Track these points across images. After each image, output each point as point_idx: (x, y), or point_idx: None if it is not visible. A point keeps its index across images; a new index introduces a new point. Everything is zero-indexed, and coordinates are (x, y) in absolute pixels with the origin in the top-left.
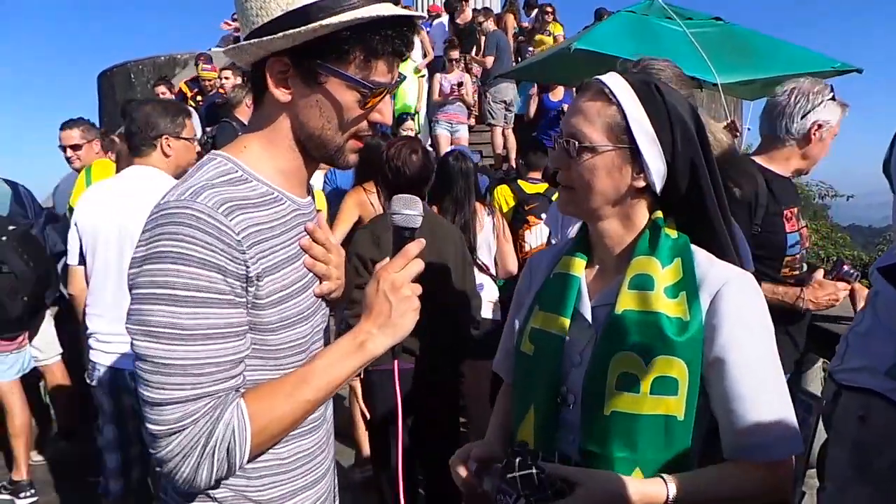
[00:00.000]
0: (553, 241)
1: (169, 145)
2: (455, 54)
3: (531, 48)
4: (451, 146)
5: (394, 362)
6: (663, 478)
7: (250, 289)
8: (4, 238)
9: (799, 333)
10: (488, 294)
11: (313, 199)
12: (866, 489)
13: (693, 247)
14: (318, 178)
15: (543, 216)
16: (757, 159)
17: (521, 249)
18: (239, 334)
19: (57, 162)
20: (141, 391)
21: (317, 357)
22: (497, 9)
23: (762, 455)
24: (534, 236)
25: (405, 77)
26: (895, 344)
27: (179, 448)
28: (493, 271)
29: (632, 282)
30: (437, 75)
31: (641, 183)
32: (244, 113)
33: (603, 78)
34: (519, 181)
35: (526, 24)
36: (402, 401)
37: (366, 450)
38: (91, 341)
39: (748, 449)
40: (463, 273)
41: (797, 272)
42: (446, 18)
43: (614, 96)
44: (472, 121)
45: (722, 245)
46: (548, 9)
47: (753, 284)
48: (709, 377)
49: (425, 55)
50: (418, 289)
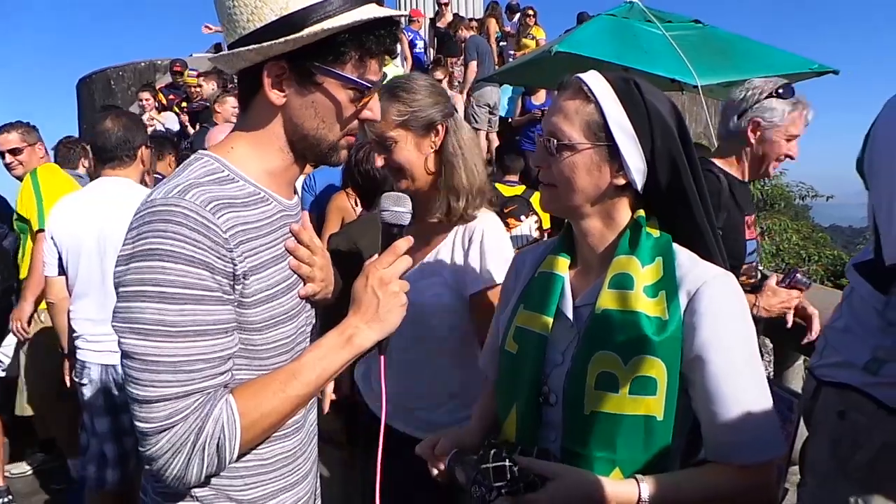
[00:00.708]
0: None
1: (143, 155)
2: (439, 74)
3: (514, 52)
4: None
5: (380, 358)
6: (636, 478)
7: (237, 287)
8: None
9: None
10: None
11: (300, 201)
12: (846, 484)
13: (676, 246)
14: (298, 184)
15: (522, 218)
16: (717, 162)
17: None
18: (227, 331)
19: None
20: (129, 389)
21: (305, 352)
22: (479, 13)
23: (742, 457)
24: (514, 239)
25: (387, 74)
26: (872, 339)
27: (169, 445)
28: None
29: (612, 281)
30: None
31: (622, 181)
32: (220, 118)
33: (583, 76)
34: (496, 185)
35: (508, 29)
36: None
37: None
38: (79, 342)
39: (729, 451)
40: None
41: (753, 280)
42: (426, 23)
43: (593, 94)
44: None
45: (708, 245)
46: (529, 12)
47: (734, 284)
48: (689, 377)
49: (405, 59)
50: (406, 285)
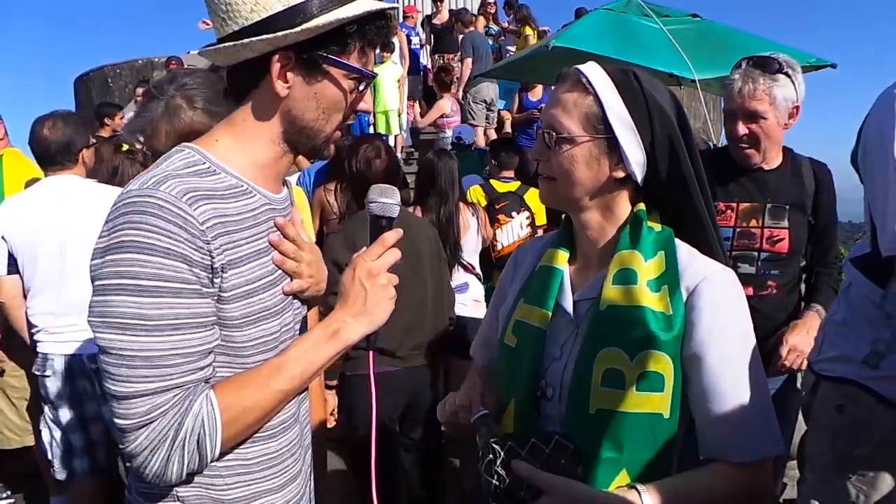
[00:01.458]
0: None
1: (85, 157)
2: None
3: (513, 48)
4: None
5: (369, 353)
6: (637, 488)
7: (216, 280)
8: None
9: None
10: (474, 293)
11: (290, 195)
12: (846, 479)
13: (676, 240)
14: (293, 180)
15: (514, 214)
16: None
17: (494, 248)
18: (206, 325)
19: None
20: (106, 385)
21: (290, 346)
22: (474, 10)
23: (740, 456)
24: (505, 235)
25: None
26: (870, 333)
27: (148, 441)
28: (479, 270)
29: (616, 277)
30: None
31: (621, 173)
32: None
33: (581, 67)
34: (491, 181)
35: (505, 24)
36: (385, 405)
37: None
38: (40, 336)
39: (726, 449)
40: (439, 270)
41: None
42: (420, 19)
43: (591, 86)
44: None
45: (708, 237)
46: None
47: (733, 281)
48: (687, 374)
49: (403, 58)
50: (395, 278)
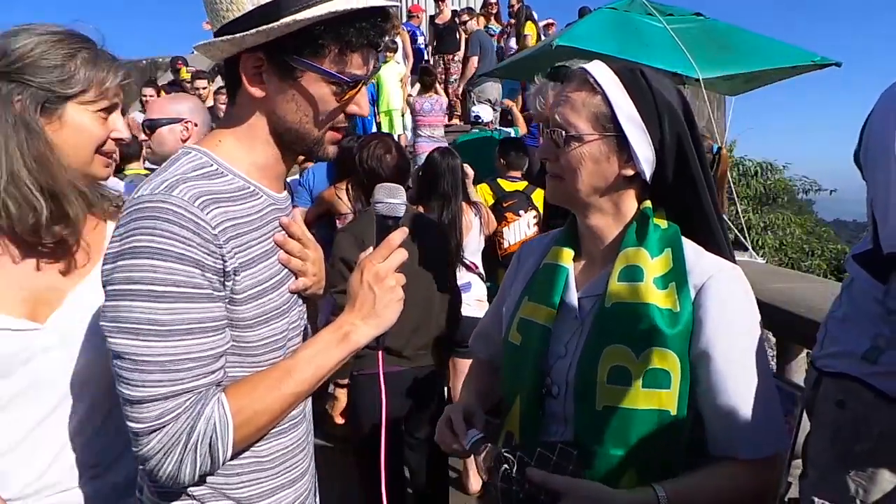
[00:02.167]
0: None
1: None
2: (429, 80)
3: (515, 46)
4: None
5: (378, 353)
6: (653, 486)
7: (227, 283)
8: None
9: None
10: (476, 293)
11: (290, 195)
12: (847, 475)
13: (682, 238)
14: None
15: (521, 213)
16: None
17: (500, 246)
18: (218, 329)
19: None
20: (120, 389)
21: (300, 349)
22: (477, 9)
23: (748, 452)
24: (512, 233)
25: (379, 67)
26: (872, 328)
27: (161, 445)
28: (481, 270)
29: (621, 273)
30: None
31: (630, 171)
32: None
33: (587, 67)
34: (498, 180)
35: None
36: (391, 404)
37: None
38: None
39: (734, 446)
40: (445, 270)
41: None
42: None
43: (599, 85)
44: (456, 120)
45: (714, 234)
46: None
47: (741, 279)
48: (695, 372)
49: (406, 57)
50: (402, 279)
